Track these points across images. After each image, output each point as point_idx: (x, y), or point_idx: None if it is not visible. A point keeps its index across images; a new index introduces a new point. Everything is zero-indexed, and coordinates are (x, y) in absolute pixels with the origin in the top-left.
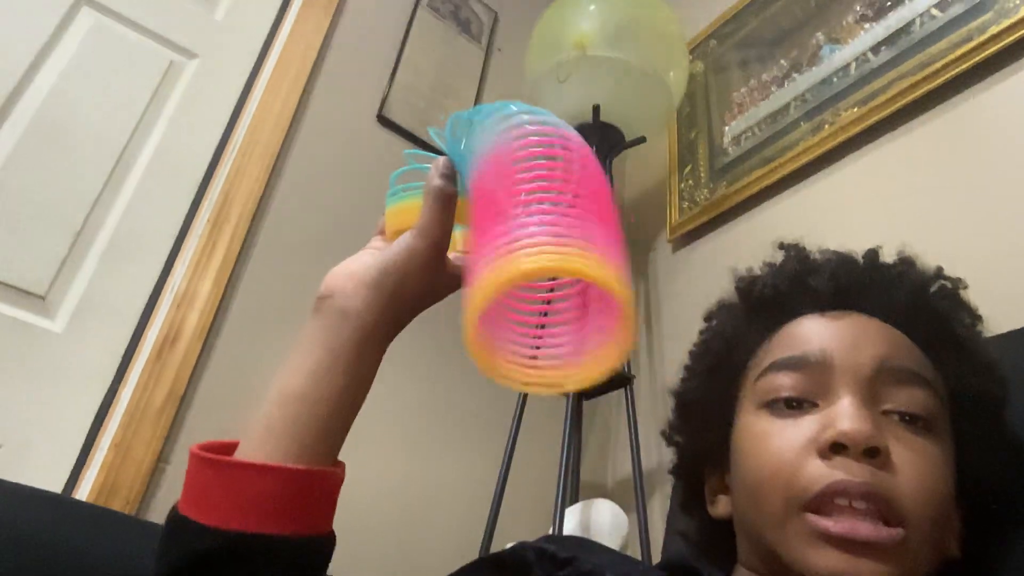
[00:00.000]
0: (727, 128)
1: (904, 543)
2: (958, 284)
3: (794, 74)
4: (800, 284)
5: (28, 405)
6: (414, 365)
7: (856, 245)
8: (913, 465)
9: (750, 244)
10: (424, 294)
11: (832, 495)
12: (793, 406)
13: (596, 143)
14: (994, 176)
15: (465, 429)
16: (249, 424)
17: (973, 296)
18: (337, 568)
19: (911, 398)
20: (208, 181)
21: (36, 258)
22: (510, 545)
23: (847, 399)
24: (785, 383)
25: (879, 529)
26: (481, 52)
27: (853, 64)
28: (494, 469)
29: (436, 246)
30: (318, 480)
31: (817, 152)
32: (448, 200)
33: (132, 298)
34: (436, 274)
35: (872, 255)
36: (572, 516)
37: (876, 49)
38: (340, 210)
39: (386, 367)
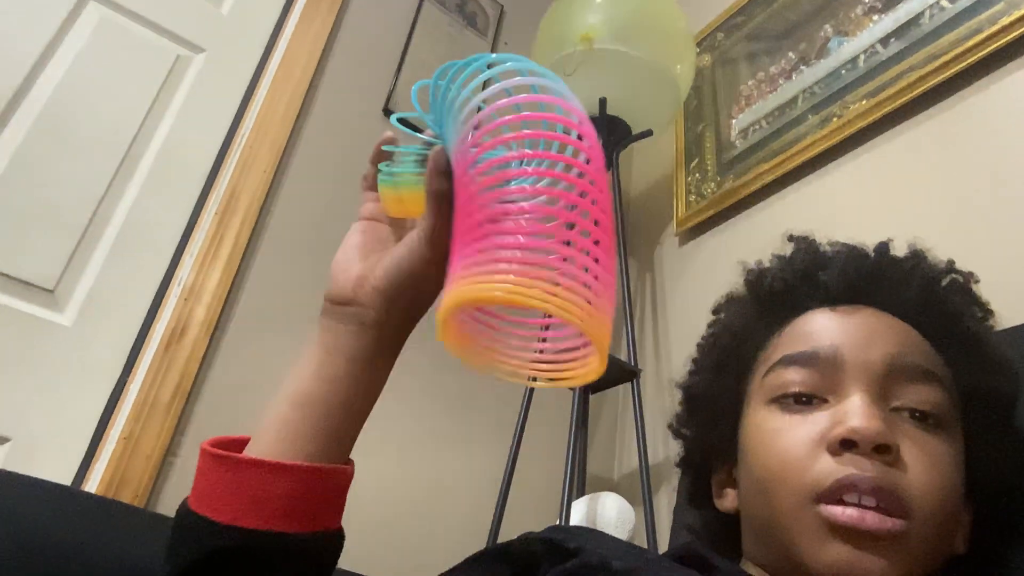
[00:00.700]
0: (734, 121)
1: (907, 536)
2: (969, 278)
3: (802, 67)
4: (810, 278)
5: (37, 399)
6: (421, 358)
7: (865, 238)
8: (923, 462)
9: (758, 238)
10: (436, 295)
11: (842, 490)
12: (803, 402)
13: (603, 136)
14: (1005, 168)
15: (472, 423)
16: (262, 423)
17: (984, 290)
18: (346, 561)
19: (922, 395)
20: (215, 175)
21: (45, 252)
22: (517, 536)
23: (858, 396)
24: (795, 379)
25: (884, 520)
26: (487, 46)
27: (862, 56)
28: (501, 463)
29: (447, 252)
30: (330, 478)
31: (825, 145)
32: (450, 201)
33: (140, 292)
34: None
35: (883, 248)
36: (579, 509)
37: (885, 41)
38: (347, 204)
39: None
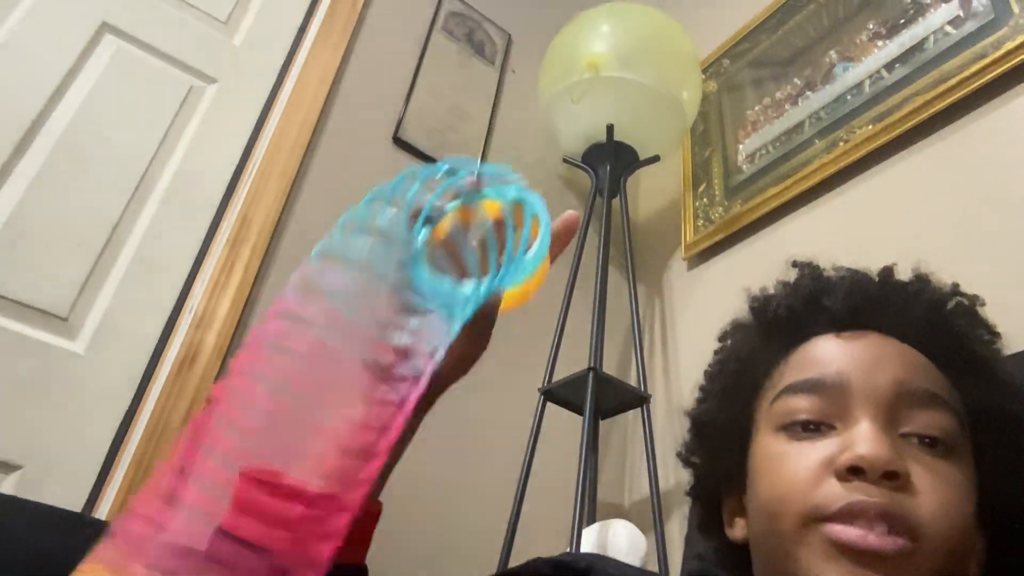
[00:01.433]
0: (741, 146)
1: (913, 557)
2: (975, 301)
3: (808, 92)
4: (815, 304)
5: (50, 426)
6: None
7: (872, 263)
8: (933, 489)
9: (766, 262)
10: (466, 354)
11: (849, 516)
12: (810, 429)
13: (610, 162)
14: (1010, 191)
15: (481, 448)
16: None
17: (990, 313)
18: None
19: (930, 421)
20: (227, 203)
21: (59, 280)
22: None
23: (865, 423)
24: (802, 406)
25: (888, 539)
26: (495, 73)
27: (867, 82)
28: (510, 489)
29: (479, 323)
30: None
31: (833, 169)
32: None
33: (152, 318)
34: (479, 336)
35: (887, 273)
36: (589, 537)
37: (890, 67)
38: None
39: None
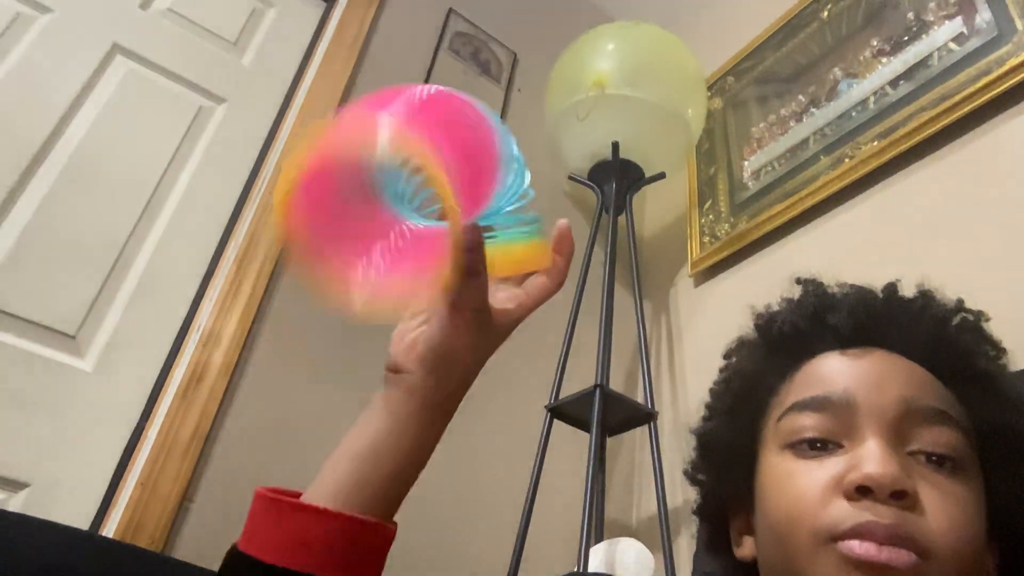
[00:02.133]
0: (746, 163)
1: (922, 573)
2: (980, 317)
3: (812, 109)
4: (819, 321)
5: (57, 443)
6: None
7: (878, 279)
8: (942, 507)
9: (773, 278)
10: (476, 357)
11: (858, 537)
12: (817, 447)
13: (616, 179)
14: (1016, 208)
15: (488, 466)
16: (318, 476)
17: (996, 329)
18: None
19: (938, 438)
20: (235, 222)
21: (68, 298)
22: None
23: (873, 441)
24: (808, 424)
25: (901, 553)
26: (501, 92)
27: (872, 98)
28: (517, 507)
29: (473, 317)
30: (372, 531)
31: (838, 185)
32: (477, 271)
33: (160, 337)
34: (482, 336)
35: (891, 289)
36: (597, 555)
37: (894, 83)
38: None
39: None
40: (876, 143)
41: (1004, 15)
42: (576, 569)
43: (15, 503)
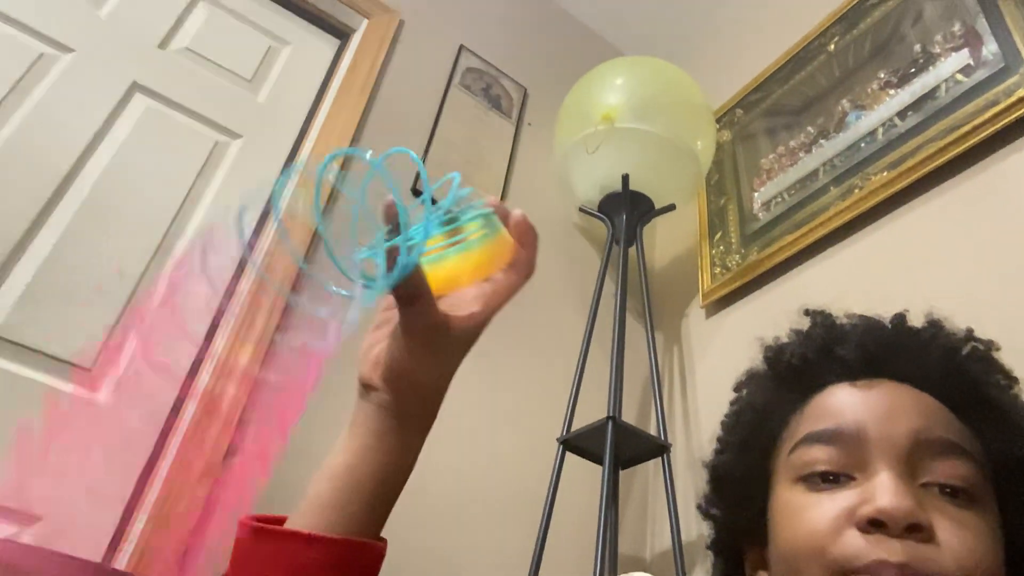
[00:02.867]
0: (756, 194)
1: None
2: (990, 346)
3: (821, 140)
4: (828, 353)
5: (72, 476)
6: (449, 434)
7: (889, 309)
8: (958, 539)
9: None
10: (440, 369)
11: (871, 574)
12: (829, 479)
13: (626, 211)
14: None
15: (500, 499)
16: (304, 497)
17: (1007, 359)
18: None
19: (951, 470)
20: (248, 254)
21: (85, 331)
22: None
23: (885, 473)
24: (820, 456)
25: None
26: (512, 126)
27: (880, 129)
28: (530, 541)
29: (426, 335)
30: (359, 552)
31: (849, 216)
32: (417, 294)
33: (174, 369)
34: (442, 349)
35: (900, 320)
36: None
37: (903, 114)
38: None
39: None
40: (885, 174)
41: (1010, 46)
42: None
43: (28, 536)
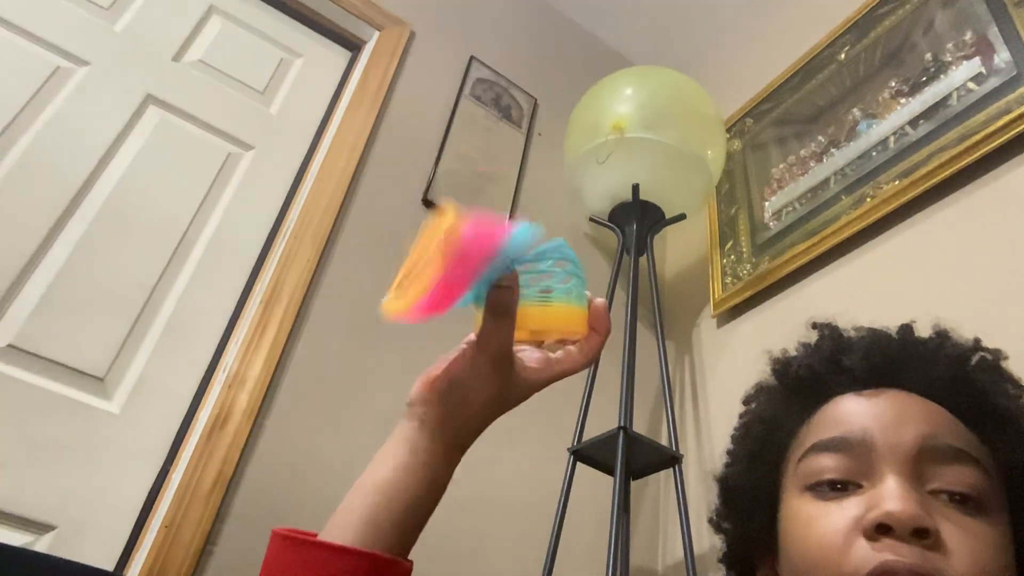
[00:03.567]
0: (767, 203)
1: None
2: (999, 355)
3: (832, 149)
4: (835, 364)
5: (84, 486)
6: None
7: (901, 319)
8: (967, 546)
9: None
10: (491, 402)
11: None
12: (837, 488)
13: (637, 220)
14: None
15: (511, 510)
16: (337, 509)
17: (1016, 368)
18: None
19: (958, 477)
20: (261, 265)
21: (97, 341)
22: None
23: (892, 479)
24: (828, 465)
25: None
26: (522, 136)
27: (892, 138)
28: (541, 552)
29: (495, 359)
30: (386, 568)
31: (860, 225)
32: (505, 312)
33: (186, 379)
34: (502, 384)
35: (906, 331)
36: None
37: (914, 123)
38: (387, 292)
39: None
40: (897, 182)
41: (1022, 55)
42: None
43: (41, 545)
